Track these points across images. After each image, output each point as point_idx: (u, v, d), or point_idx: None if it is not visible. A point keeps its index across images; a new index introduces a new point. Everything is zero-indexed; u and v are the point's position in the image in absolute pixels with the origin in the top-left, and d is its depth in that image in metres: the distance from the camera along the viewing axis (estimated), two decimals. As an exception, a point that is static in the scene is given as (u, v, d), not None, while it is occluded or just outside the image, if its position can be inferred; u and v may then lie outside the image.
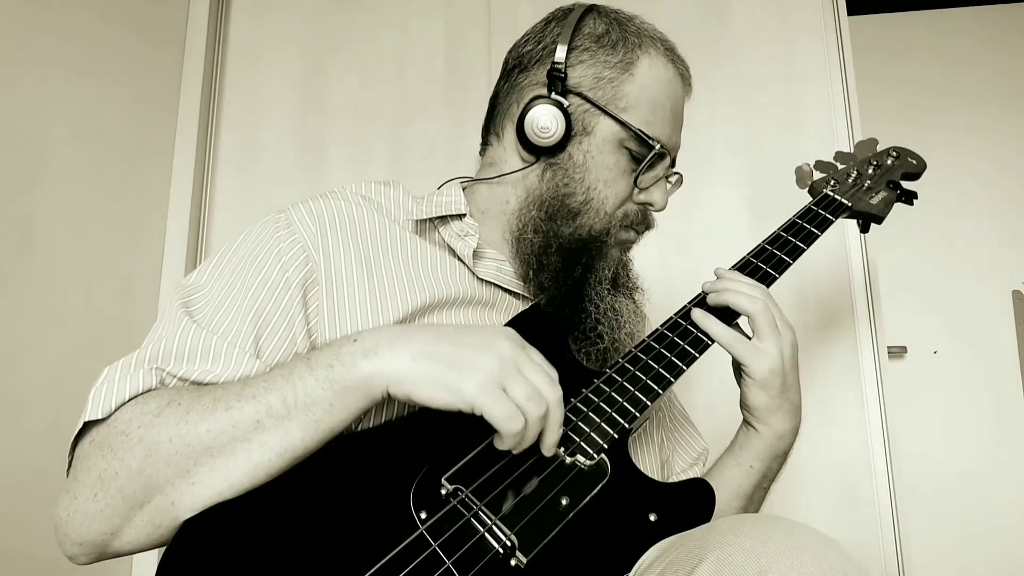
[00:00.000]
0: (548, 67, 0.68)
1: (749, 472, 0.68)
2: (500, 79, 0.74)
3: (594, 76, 0.67)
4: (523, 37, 0.73)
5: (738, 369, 0.67)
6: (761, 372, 0.63)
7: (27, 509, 1.03)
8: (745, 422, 0.69)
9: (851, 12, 1.44)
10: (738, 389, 0.68)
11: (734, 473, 0.68)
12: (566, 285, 0.67)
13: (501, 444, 0.50)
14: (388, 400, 0.50)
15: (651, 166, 0.69)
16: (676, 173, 0.74)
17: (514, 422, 0.47)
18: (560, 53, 0.67)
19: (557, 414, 0.50)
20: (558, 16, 0.72)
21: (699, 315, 0.66)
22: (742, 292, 0.65)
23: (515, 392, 0.48)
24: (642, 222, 0.72)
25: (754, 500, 0.70)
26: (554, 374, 0.51)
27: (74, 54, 1.22)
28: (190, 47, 1.51)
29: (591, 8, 0.71)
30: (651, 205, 0.72)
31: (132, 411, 0.49)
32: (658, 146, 0.67)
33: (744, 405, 0.67)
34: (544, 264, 0.67)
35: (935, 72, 2.19)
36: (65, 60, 1.19)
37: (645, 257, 0.77)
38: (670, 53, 0.70)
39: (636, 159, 0.68)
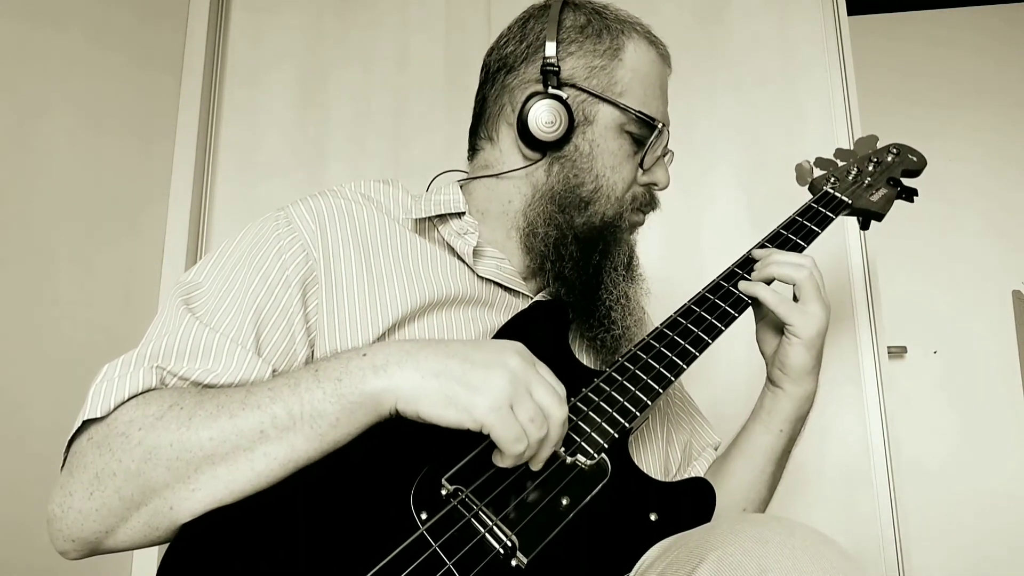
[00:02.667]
0: (538, 64, 0.68)
1: (779, 436, 0.70)
2: (484, 83, 0.74)
3: (586, 66, 0.68)
4: (501, 39, 0.74)
5: (778, 331, 0.69)
6: (809, 333, 0.66)
7: (26, 509, 1.02)
8: (773, 386, 0.71)
9: (851, 12, 1.44)
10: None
11: (766, 439, 0.71)
12: (587, 273, 0.69)
13: (501, 462, 0.51)
14: (396, 415, 0.50)
15: (653, 145, 0.70)
16: (669, 151, 0.75)
17: (519, 444, 0.48)
18: (550, 48, 0.67)
19: (557, 433, 0.50)
20: (534, 14, 0.72)
21: (745, 285, 0.68)
22: (787, 262, 0.67)
23: (521, 413, 0.48)
24: (649, 203, 0.74)
25: (781, 465, 0.72)
26: (562, 391, 0.51)
27: (75, 27, 1.22)
28: (191, 37, 1.51)
29: (565, 2, 0.72)
30: (655, 184, 0.73)
31: (133, 412, 0.48)
32: (660, 125, 0.69)
33: (782, 367, 0.68)
34: (563, 254, 0.68)
35: (935, 72, 2.19)
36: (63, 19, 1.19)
37: (645, 256, 0.77)
38: (649, 35, 0.72)
39: (637, 141, 0.70)
